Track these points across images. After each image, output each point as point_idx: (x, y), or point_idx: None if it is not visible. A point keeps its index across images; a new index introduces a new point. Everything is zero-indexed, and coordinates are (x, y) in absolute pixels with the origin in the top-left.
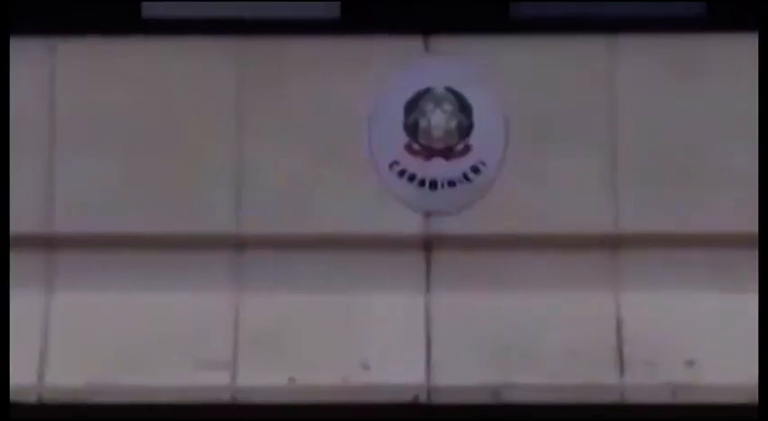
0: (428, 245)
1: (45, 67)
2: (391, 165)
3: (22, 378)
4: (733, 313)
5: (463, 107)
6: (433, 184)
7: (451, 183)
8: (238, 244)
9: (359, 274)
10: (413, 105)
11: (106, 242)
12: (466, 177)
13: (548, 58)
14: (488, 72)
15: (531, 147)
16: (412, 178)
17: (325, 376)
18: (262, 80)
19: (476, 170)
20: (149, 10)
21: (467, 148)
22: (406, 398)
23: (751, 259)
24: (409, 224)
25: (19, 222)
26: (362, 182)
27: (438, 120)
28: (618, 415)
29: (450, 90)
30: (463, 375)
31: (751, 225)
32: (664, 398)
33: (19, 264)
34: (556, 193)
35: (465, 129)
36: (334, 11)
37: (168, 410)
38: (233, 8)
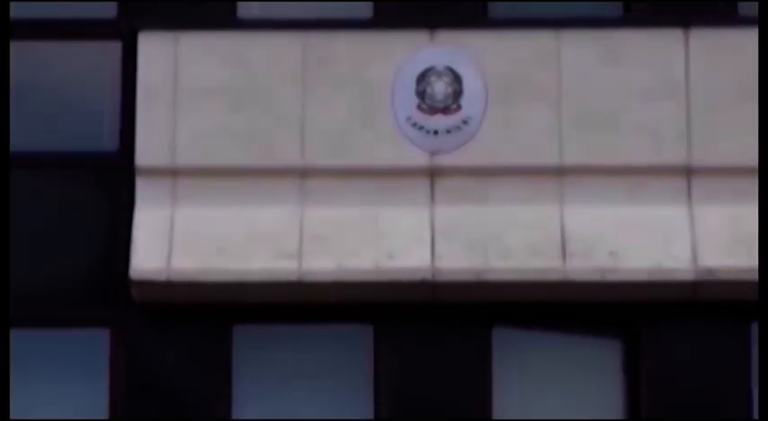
0: (432, 173)
1: (170, 51)
2: (407, 119)
3: (155, 264)
4: (643, 220)
5: (457, 79)
6: (436, 132)
7: (449, 131)
8: (302, 173)
9: (384, 194)
10: (422, 78)
11: (213, 171)
12: (458, 127)
13: (514, 45)
14: (474, 55)
15: (503, 106)
16: (421, 128)
17: (361, 262)
18: (318, 60)
19: (465, 122)
20: (243, 11)
21: (459, 107)
22: (418, 277)
23: (656, 182)
24: (419, 159)
25: (152, 158)
26: (387, 130)
27: (439, 88)
28: (562, 289)
29: (447, 67)
30: (456, 262)
31: (657, 159)
32: (594, 277)
33: (152, 187)
34: (520, 137)
35: (458, 94)
36: (368, 12)
37: (254, 286)
38: (300, 10)
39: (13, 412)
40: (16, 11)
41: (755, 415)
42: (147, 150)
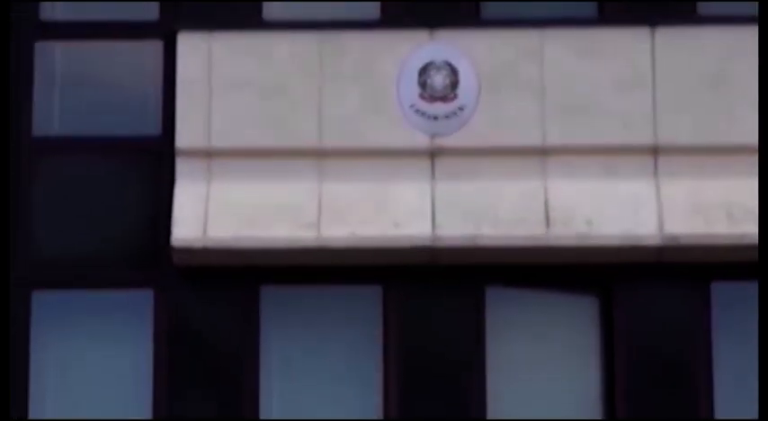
0: (433, 154)
1: (205, 49)
2: (410, 106)
3: (193, 232)
4: (615, 192)
5: (453, 72)
6: (436, 118)
7: (447, 117)
8: (320, 153)
9: (392, 171)
10: (423, 71)
11: (243, 152)
12: (455, 113)
13: (503, 42)
14: (468, 51)
15: (493, 95)
16: (423, 114)
17: (372, 230)
18: (333, 55)
19: (461, 109)
20: (267, 13)
21: (455, 96)
22: (420, 243)
23: (626, 160)
24: (421, 141)
25: (190, 141)
26: (393, 116)
27: (438, 80)
28: (546, 253)
29: (445, 62)
30: (453, 229)
31: (627, 140)
32: (573, 242)
33: (191, 166)
34: (508, 122)
35: (454, 85)
36: (375, 14)
37: (279, 252)
38: (317, 12)
39: (67, 364)
40: (72, 14)
41: (714, 362)
42: (185, 134)
